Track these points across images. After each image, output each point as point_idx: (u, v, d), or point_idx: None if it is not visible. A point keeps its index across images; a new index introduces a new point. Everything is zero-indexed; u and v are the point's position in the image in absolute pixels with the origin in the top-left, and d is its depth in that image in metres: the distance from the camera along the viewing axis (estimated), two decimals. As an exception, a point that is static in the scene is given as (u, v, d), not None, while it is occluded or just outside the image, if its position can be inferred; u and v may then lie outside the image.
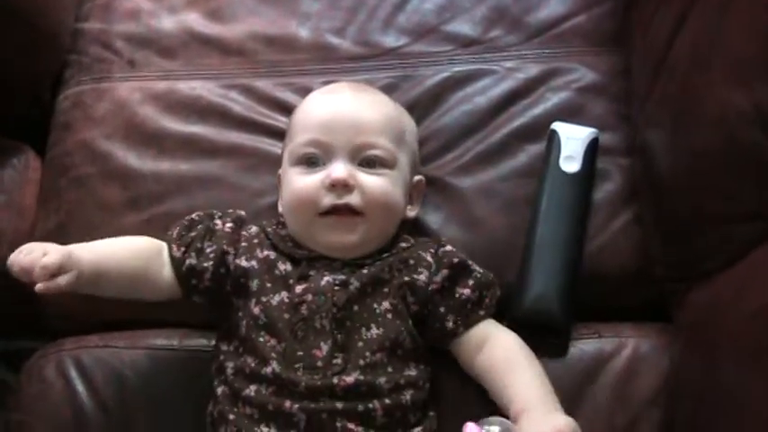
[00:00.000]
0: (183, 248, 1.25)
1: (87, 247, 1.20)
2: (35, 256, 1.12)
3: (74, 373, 1.31)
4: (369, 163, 1.25)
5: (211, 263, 1.23)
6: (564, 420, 1.11)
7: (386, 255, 1.25)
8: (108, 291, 1.23)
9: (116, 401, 1.29)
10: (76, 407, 1.29)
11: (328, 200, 1.23)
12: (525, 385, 1.14)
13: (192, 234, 1.26)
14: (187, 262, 1.24)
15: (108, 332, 1.35)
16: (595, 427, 1.23)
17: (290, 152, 1.28)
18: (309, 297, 1.20)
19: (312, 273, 1.22)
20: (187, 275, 1.24)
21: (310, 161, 1.26)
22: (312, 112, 1.31)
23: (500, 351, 1.21)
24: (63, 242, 1.36)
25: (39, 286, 1.11)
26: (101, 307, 1.35)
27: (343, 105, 1.30)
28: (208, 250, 1.24)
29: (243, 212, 1.32)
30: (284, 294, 1.21)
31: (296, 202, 1.25)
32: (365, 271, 1.22)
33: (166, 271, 1.25)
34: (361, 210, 1.23)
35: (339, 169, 1.23)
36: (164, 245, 1.26)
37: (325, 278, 1.21)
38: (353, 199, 1.22)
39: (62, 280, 1.12)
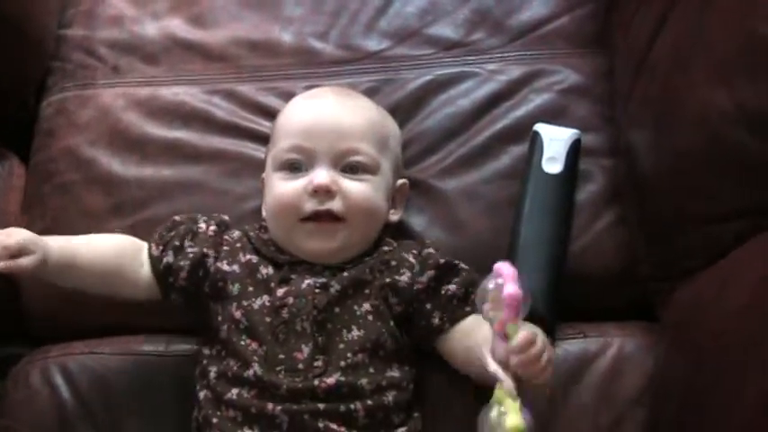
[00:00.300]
0: (161, 247, 1.25)
1: (61, 237, 1.22)
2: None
3: (59, 380, 1.31)
4: (351, 169, 1.25)
5: (188, 262, 1.24)
6: None
7: (367, 258, 1.25)
8: (83, 282, 1.24)
9: (102, 408, 1.29)
10: (62, 413, 1.29)
11: (310, 205, 1.23)
12: None
13: (172, 234, 1.27)
14: (164, 260, 1.24)
15: (93, 338, 1.35)
16: (580, 427, 1.25)
17: (273, 157, 1.28)
18: (290, 300, 1.20)
19: (293, 276, 1.22)
20: (164, 273, 1.24)
21: (293, 167, 1.26)
22: (295, 118, 1.30)
23: (483, 334, 1.19)
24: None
25: None
26: (86, 312, 1.35)
27: (325, 111, 1.30)
28: (187, 250, 1.25)
29: (226, 217, 1.32)
30: (266, 298, 1.21)
31: (278, 208, 1.25)
32: (346, 274, 1.22)
33: (145, 270, 1.25)
34: (342, 216, 1.23)
35: (321, 175, 1.23)
36: (145, 244, 1.27)
37: (306, 281, 1.21)
38: (335, 205, 1.22)
39: (24, 261, 1.14)
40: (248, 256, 1.25)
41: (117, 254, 1.25)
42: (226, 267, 1.24)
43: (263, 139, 1.40)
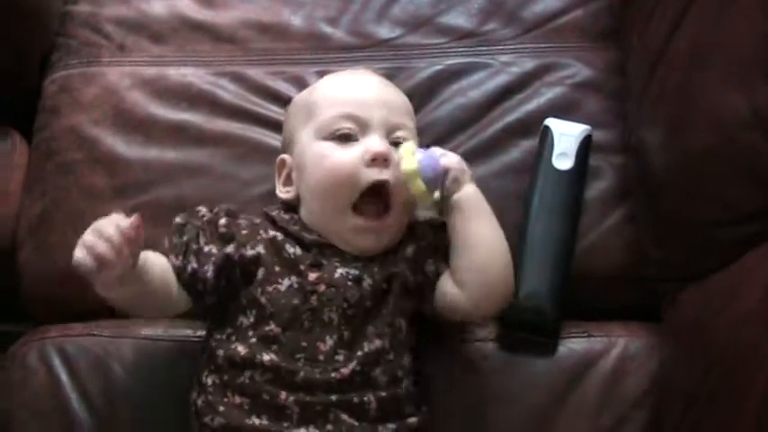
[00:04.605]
0: (180, 256, 1.20)
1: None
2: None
3: (57, 361, 1.30)
4: (397, 144, 1.23)
5: (212, 264, 1.19)
6: None
7: (392, 254, 1.22)
8: (144, 293, 1.17)
9: (98, 390, 1.28)
10: (59, 395, 1.28)
11: (369, 175, 1.19)
12: None
13: (185, 238, 1.22)
14: (188, 267, 1.19)
15: (92, 320, 1.34)
16: (581, 427, 1.25)
17: (320, 125, 1.24)
18: (322, 288, 1.17)
19: (324, 261, 1.20)
20: (191, 281, 1.19)
21: (344, 136, 1.22)
22: (343, 89, 1.28)
23: None
24: (47, 228, 1.37)
25: None
26: (85, 294, 1.34)
27: (374, 85, 1.29)
28: (205, 249, 1.20)
29: (230, 206, 1.27)
30: (294, 279, 1.18)
31: (333, 178, 1.21)
32: (377, 269, 1.20)
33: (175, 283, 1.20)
34: (391, 188, 1.19)
35: (380, 143, 1.21)
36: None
37: (339, 270, 1.19)
38: (391, 176, 1.20)
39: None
40: (271, 233, 1.21)
41: (165, 269, 1.20)
42: (250, 252, 1.19)
43: (271, 124, 1.39)
